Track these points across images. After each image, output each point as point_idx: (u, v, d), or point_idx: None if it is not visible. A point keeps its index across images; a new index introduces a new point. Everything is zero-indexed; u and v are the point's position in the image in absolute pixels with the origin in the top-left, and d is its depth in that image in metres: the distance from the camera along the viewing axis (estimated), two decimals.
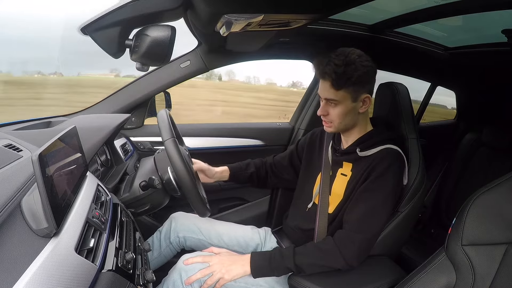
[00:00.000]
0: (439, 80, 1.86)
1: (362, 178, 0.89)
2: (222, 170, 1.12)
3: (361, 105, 0.89)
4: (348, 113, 0.88)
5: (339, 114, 0.88)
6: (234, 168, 1.14)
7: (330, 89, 0.86)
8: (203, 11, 0.70)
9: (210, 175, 1.09)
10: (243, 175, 1.14)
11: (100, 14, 0.63)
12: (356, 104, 0.88)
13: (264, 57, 1.46)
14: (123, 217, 0.74)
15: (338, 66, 0.82)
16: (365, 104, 0.89)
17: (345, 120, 0.90)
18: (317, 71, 0.88)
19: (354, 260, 0.84)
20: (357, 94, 0.86)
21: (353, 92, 0.86)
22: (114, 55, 0.70)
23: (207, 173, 1.08)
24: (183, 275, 0.86)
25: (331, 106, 0.89)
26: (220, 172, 1.11)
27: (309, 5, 0.70)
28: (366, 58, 0.86)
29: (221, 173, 1.11)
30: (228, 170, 1.13)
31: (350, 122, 0.91)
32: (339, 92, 0.85)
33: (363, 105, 0.89)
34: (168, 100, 1.38)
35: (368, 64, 0.85)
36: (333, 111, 0.89)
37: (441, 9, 0.99)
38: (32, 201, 0.51)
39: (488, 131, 1.62)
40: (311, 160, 1.08)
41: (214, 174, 1.10)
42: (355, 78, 0.83)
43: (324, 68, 0.84)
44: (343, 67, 0.82)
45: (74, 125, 0.69)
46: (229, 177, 1.13)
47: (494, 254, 0.64)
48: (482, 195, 0.67)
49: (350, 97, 0.86)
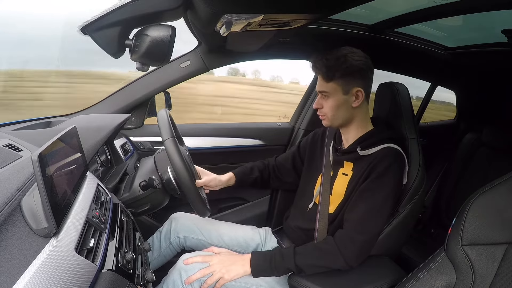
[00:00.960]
0: (439, 80, 1.86)
1: (362, 178, 0.89)
2: (228, 178, 1.10)
3: (353, 99, 0.90)
4: (340, 105, 0.91)
5: (331, 106, 0.91)
6: (239, 173, 1.13)
7: (321, 81, 0.91)
8: (203, 11, 0.70)
9: (215, 185, 1.07)
10: (248, 180, 1.14)
11: (100, 14, 0.63)
12: (347, 97, 0.90)
13: (264, 57, 1.46)
14: (123, 217, 0.74)
15: (328, 60, 0.89)
16: (358, 98, 0.90)
17: (338, 113, 0.92)
18: (312, 67, 0.94)
19: (354, 260, 0.84)
20: (348, 87, 0.89)
21: (343, 84, 0.89)
22: (114, 55, 0.70)
23: (211, 184, 1.06)
24: (183, 274, 0.86)
25: (324, 99, 0.93)
26: (226, 181, 1.09)
27: (309, 5, 0.70)
28: (359, 54, 0.90)
29: (227, 182, 1.10)
30: (234, 177, 1.12)
31: (344, 116, 0.93)
32: (329, 84, 0.90)
33: (356, 99, 0.91)
34: (168, 100, 1.38)
35: (359, 59, 0.89)
36: (326, 104, 0.92)
37: (441, 9, 1.00)
38: (32, 201, 0.51)
39: (488, 131, 1.62)
40: (312, 160, 1.08)
41: (219, 184, 1.08)
42: (343, 70, 0.88)
43: (316, 62, 0.91)
44: (332, 60, 0.88)
45: (74, 125, 0.69)
46: (235, 183, 1.13)
47: (494, 254, 0.64)
48: (482, 195, 0.67)
49: (340, 89, 0.89)
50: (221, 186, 1.09)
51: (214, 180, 1.06)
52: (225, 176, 1.10)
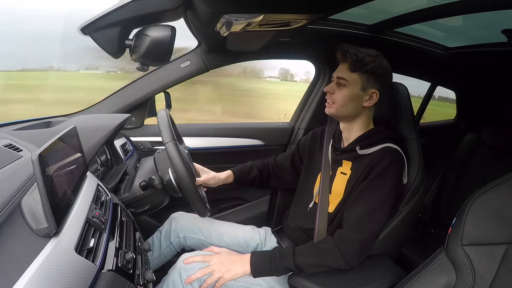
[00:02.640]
0: (439, 80, 1.86)
1: (362, 177, 0.89)
2: (227, 176, 1.11)
3: (367, 98, 0.91)
4: (353, 99, 0.91)
5: (344, 96, 0.91)
6: (237, 172, 1.14)
7: (346, 69, 0.91)
8: (203, 11, 0.70)
9: (214, 183, 1.08)
10: (246, 178, 1.14)
11: (100, 14, 0.63)
12: (363, 94, 0.90)
13: (264, 57, 1.46)
14: (123, 217, 0.74)
15: (361, 52, 0.89)
16: (371, 99, 0.91)
17: (348, 105, 0.92)
18: (340, 52, 0.92)
19: (353, 259, 0.84)
20: (368, 84, 0.90)
21: (365, 80, 0.90)
22: (114, 55, 0.70)
23: (211, 182, 1.07)
24: (183, 274, 0.86)
25: (339, 87, 0.92)
26: (224, 179, 1.10)
27: (309, 5, 0.70)
28: (387, 62, 0.92)
29: (225, 179, 1.11)
30: (232, 175, 1.12)
31: (352, 111, 0.93)
32: (353, 74, 0.90)
33: (369, 99, 0.91)
34: (168, 100, 1.38)
35: (386, 65, 0.92)
36: (340, 92, 0.92)
37: (441, 9, 0.99)
38: (32, 201, 0.51)
39: (488, 131, 1.62)
40: (312, 160, 1.08)
41: (218, 182, 1.09)
42: (371, 67, 0.89)
43: (348, 49, 0.90)
44: (364, 54, 0.89)
45: (74, 125, 0.69)
46: (233, 181, 1.13)
47: (494, 254, 0.64)
48: (482, 195, 0.67)
49: (360, 83, 0.90)
50: (219, 183, 1.10)
51: (213, 178, 1.07)
52: (223, 174, 1.11)
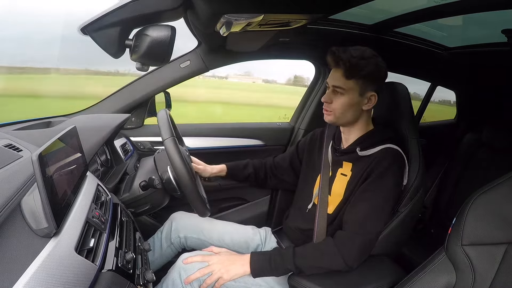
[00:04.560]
0: (439, 80, 1.86)
1: (362, 178, 0.89)
2: (220, 170, 1.13)
3: (366, 101, 0.90)
4: (351, 105, 0.89)
5: (343, 104, 0.89)
6: (231, 166, 1.15)
7: (341, 77, 0.87)
8: (203, 11, 0.70)
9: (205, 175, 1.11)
10: (240, 175, 1.15)
11: (100, 14, 0.63)
12: (361, 99, 0.89)
13: (264, 57, 1.46)
14: (123, 217, 0.74)
15: (354, 56, 0.84)
16: (370, 102, 0.90)
17: (347, 112, 0.90)
18: (331, 58, 0.87)
19: (353, 261, 0.83)
20: (365, 89, 0.88)
21: (362, 85, 0.87)
22: (114, 55, 0.70)
23: (202, 175, 1.10)
24: (182, 274, 0.86)
25: (336, 95, 0.89)
26: (216, 172, 1.13)
27: (309, 5, 0.70)
28: (381, 59, 0.88)
29: (218, 173, 1.13)
30: (225, 169, 1.14)
31: (352, 116, 0.91)
32: (349, 81, 0.86)
33: (368, 103, 0.90)
34: (168, 100, 1.38)
35: (381, 64, 0.88)
36: (337, 100, 0.89)
37: (441, 9, 0.99)
38: (32, 201, 0.51)
39: (488, 131, 1.62)
40: (311, 161, 1.08)
41: (211, 174, 1.12)
42: (366, 72, 0.85)
43: (340, 54, 0.85)
44: (358, 58, 0.85)
45: (74, 125, 0.69)
46: (226, 175, 1.15)
47: (494, 254, 0.64)
48: (482, 195, 0.67)
49: (358, 89, 0.87)
50: (212, 176, 1.12)
51: (204, 171, 1.09)
52: (216, 167, 1.13)
